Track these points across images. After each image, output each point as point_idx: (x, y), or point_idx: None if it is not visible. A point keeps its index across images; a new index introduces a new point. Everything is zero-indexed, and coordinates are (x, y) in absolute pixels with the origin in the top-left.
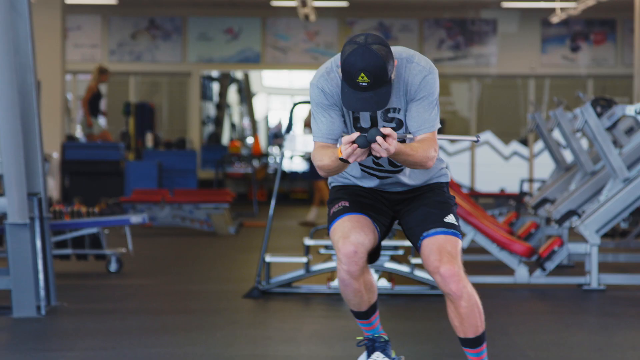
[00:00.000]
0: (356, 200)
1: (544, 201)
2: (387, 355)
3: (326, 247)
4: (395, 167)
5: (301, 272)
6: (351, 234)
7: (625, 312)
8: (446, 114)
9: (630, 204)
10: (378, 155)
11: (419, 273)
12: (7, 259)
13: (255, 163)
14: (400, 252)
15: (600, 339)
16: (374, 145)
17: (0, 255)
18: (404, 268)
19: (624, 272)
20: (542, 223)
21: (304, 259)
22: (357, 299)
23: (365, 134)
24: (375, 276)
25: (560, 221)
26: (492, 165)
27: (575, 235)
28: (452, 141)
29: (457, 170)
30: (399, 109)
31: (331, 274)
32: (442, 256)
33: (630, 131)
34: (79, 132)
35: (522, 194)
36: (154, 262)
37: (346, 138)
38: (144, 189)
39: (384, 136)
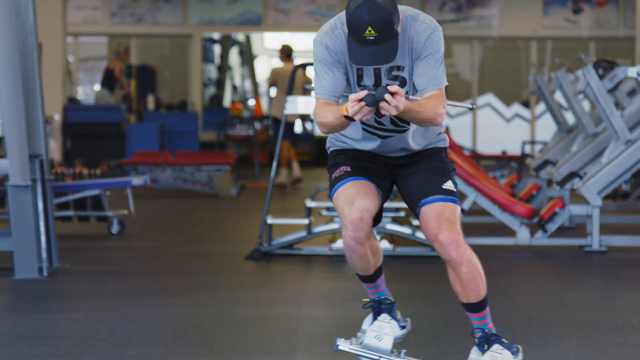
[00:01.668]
0: (357, 164)
1: (545, 163)
2: (393, 317)
3: (327, 208)
4: (397, 127)
5: (303, 233)
6: (356, 200)
7: (627, 274)
8: (447, 76)
9: (632, 166)
10: (387, 113)
11: (421, 235)
12: (9, 220)
13: (257, 125)
14: (402, 213)
15: (602, 300)
16: (382, 104)
17: (2, 217)
18: (405, 230)
19: (626, 234)
20: (544, 185)
21: (306, 221)
22: (363, 263)
23: (373, 92)
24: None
25: (561, 183)
26: (494, 127)
27: (577, 197)
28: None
29: (458, 133)
30: (403, 67)
31: (333, 235)
32: (440, 223)
33: (632, 93)
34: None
35: (524, 155)
36: (155, 224)
37: (353, 96)
38: (145, 151)
39: (392, 94)
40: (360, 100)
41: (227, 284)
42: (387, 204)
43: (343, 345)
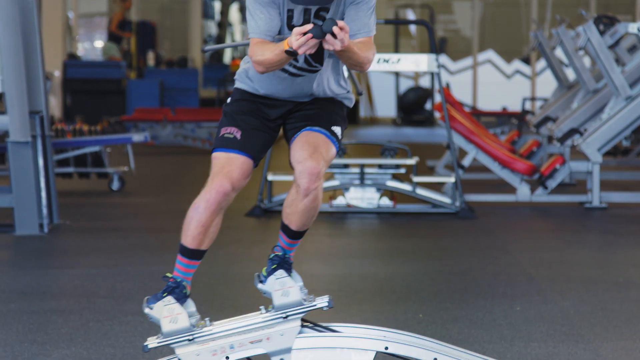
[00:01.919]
0: (249, 132)
1: (546, 119)
2: (181, 303)
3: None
4: (310, 66)
5: None
6: (234, 174)
7: (627, 230)
8: (448, 32)
9: (633, 122)
10: (330, 48)
11: (421, 191)
12: (10, 177)
13: None
14: (402, 170)
15: (602, 257)
16: (328, 37)
17: (3, 174)
18: (406, 186)
19: (626, 190)
20: (544, 141)
21: None
22: (196, 231)
23: (320, 25)
24: (376, 195)
25: (562, 139)
26: (495, 84)
27: (577, 154)
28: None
29: (459, 89)
30: (335, 13)
31: (333, 192)
32: (315, 152)
33: (632, 49)
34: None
35: (525, 112)
36: (156, 181)
37: (298, 29)
38: (145, 107)
39: (340, 28)
40: (306, 33)
41: (227, 240)
42: (387, 161)
43: (152, 343)
